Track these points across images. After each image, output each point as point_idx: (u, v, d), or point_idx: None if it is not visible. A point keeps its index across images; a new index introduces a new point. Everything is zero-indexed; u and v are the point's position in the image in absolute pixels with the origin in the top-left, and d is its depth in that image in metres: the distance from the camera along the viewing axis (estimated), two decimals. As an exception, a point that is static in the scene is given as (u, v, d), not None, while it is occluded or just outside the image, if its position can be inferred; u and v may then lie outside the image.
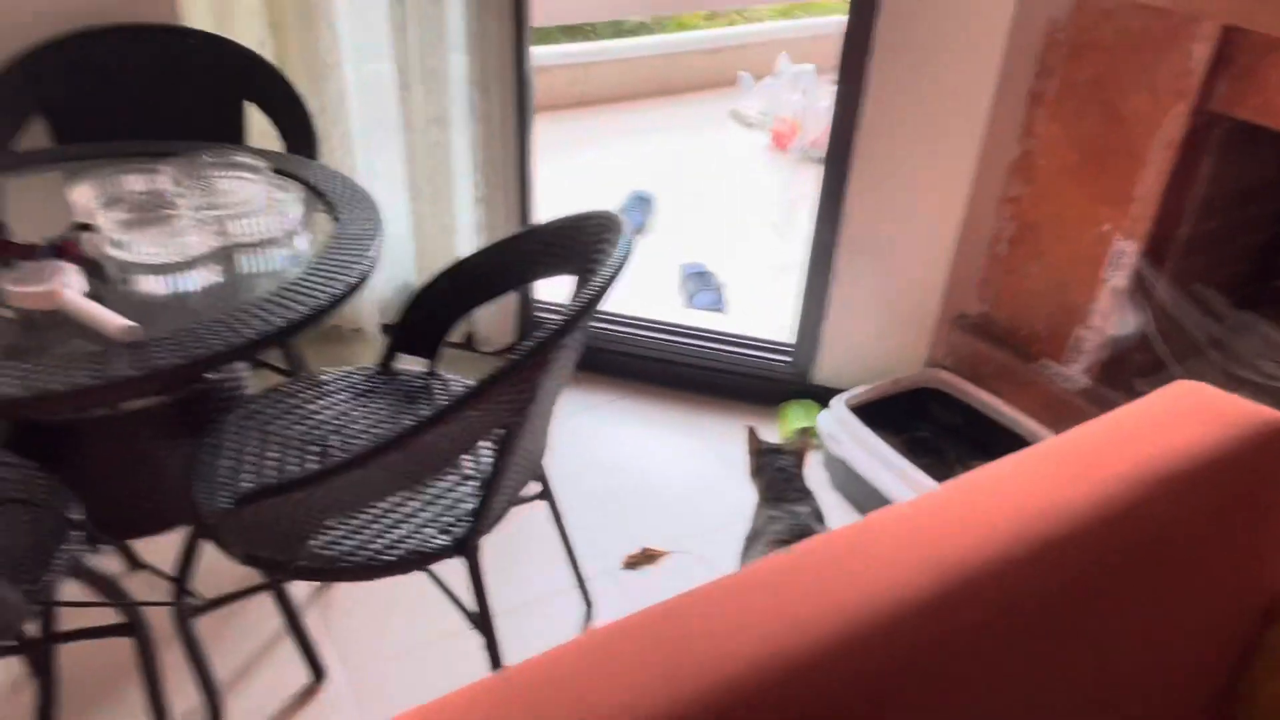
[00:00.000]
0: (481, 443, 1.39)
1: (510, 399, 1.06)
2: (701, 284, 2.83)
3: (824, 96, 4.12)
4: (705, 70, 4.90)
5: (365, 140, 2.23)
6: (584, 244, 1.34)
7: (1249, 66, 1.59)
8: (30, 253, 1.18)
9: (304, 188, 1.52)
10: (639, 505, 2.06)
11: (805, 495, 1.66)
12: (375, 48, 2.14)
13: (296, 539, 1.16)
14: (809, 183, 3.86)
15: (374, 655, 1.67)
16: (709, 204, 3.64)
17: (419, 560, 1.23)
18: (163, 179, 1.45)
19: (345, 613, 1.75)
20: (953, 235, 2.10)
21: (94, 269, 1.26)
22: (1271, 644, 0.90)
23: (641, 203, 3.35)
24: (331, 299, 1.23)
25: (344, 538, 1.24)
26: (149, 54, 1.95)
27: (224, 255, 1.36)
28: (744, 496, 2.10)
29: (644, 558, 1.92)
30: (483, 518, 1.24)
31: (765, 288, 3.00)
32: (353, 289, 1.27)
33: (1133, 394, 1.95)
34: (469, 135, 2.19)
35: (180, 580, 1.29)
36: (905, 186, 2.07)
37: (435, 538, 1.26)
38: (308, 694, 1.60)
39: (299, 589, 1.77)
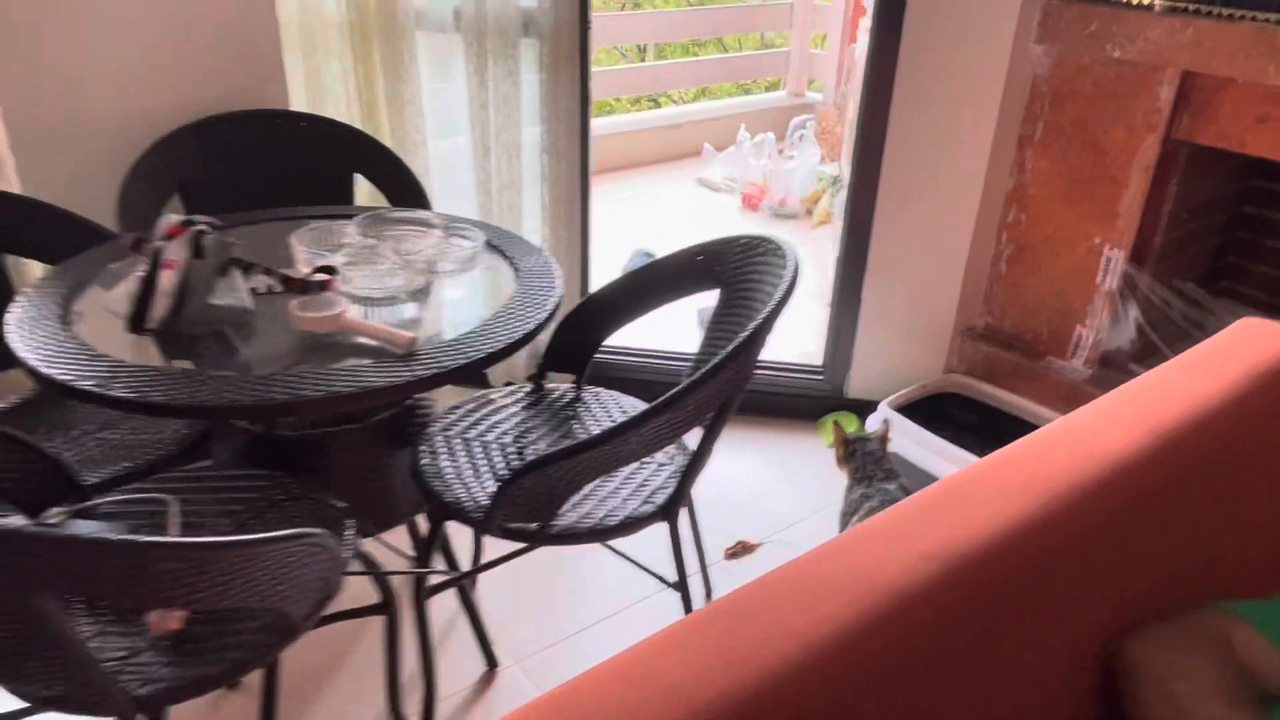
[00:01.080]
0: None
1: (734, 374, 1.34)
2: (722, 323, 3.15)
3: (786, 160, 4.56)
4: (666, 144, 5.31)
5: (446, 204, 2.50)
6: (732, 262, 1.64)
7: (1205, 102, 2.02)
8: (306, 287, 1.41)
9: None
10: (718, 509, 2.33)
11: (893, 474, 1.96)
12: (458, 124, 2.43)
13: (550, 507, 1.40)
14: (783, 235, 4.26)
15: (532, 644, 1.87)
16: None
17: (634, 524, 1.48)
18: (353, 232, 1.69)
19: (494, 607, 1.94)
20: (962, 258, 2.48)
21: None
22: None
23: (646, 257, 3.67)
24: (546, 315, 1.49)
25: (571, 510, 1.48)
26: (267, 136, 2.19)
27: (426, 291, 1.60)
28: (805, 496, 2.39)
29: (742, 549, 2.17)
30: (685, 486, 1.50)
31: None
32: (556, 309, 1.53)
33: (1131, 377, 2.34)
34: (539, 195, 2.49)
35: (424, 559, 1.50)
36: (921, 221, 2.45)
37: (641, 507, 1.51)
38: (485, 681, 1.79)
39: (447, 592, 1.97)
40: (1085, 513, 0.93)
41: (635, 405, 1.79)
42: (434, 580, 1.55)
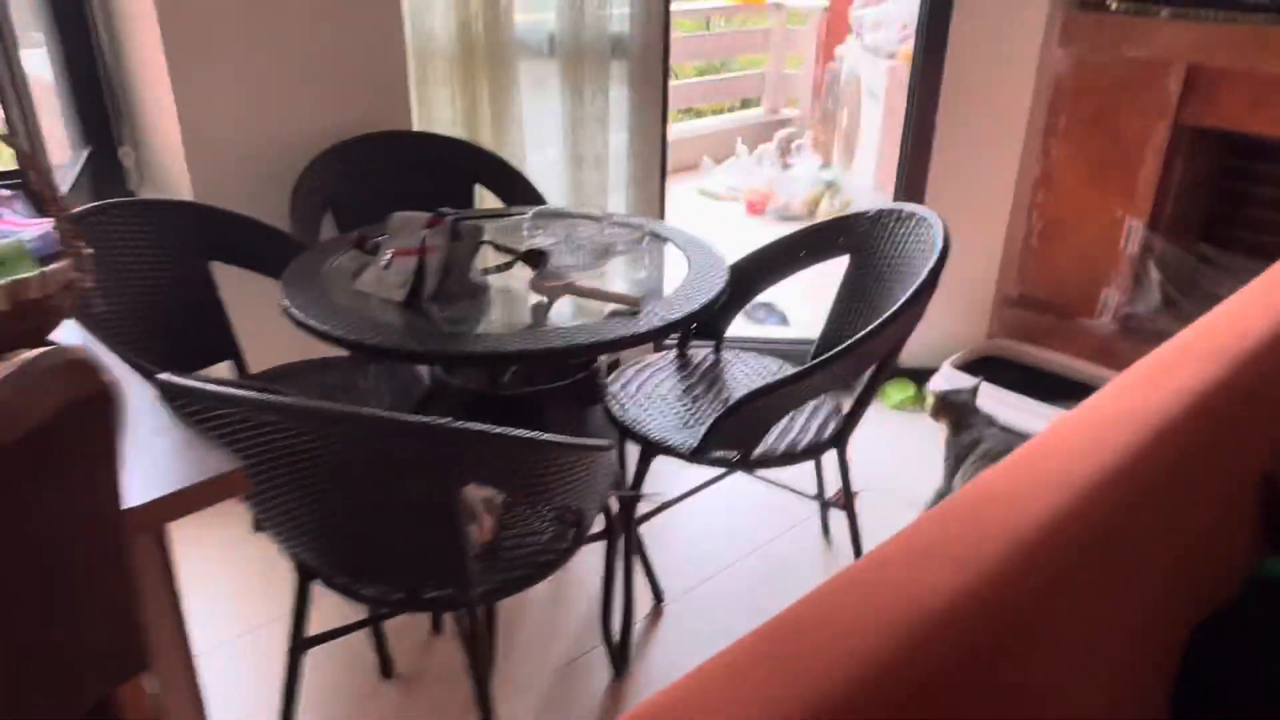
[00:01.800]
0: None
1: (908, 320, 1.64)
2: (768, 312, 3.47)
3: (787, 169, 4.93)
4: (661, 160, 5.65)
5: (543, 211, 2.77)
6: (856, 231, 1.95)
7: (1209, 90, 2.42)
8: (538, 262, 1.68)
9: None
10: (800, 467, 2.62)
11: (990, 421, 2.26)
12: (552, 137, 2.70)
13: (752, 437, 1.68)
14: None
15: (690, 579, 2.14)
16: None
17: (815, 450, 1.78)
18: (531, 225, 1.96)
19: (652, 543, 2.19)
20: (999, 237, 2.84)
21: (547, 280, 1.76)
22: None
23: (680, 262, 3.99)
24: (727, 278, 1.77)
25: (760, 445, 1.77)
26: (401, 153, 2.44)
27: (608, 268, 1.88)
28: (877, 453, 2.69)
29: (840, 496, 2.47)
30: (854, 420, 1.80)
31: (807, 308, 3.66)
32: (728, 285, 1.81)
33: (1154, 329, 2.71)
34: (625, 197, 2.78)
35: (637, 488, 1.77)
36: (963, 206, 2.80)
37: (817, 438, 1.80)
38: (655, 615, 2.05)
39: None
40: (1241, 379, 1.25)
41: (773, 364, 2.09)
42: (645, 509, 1.82)
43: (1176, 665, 1.14)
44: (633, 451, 1.85)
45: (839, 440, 1.81)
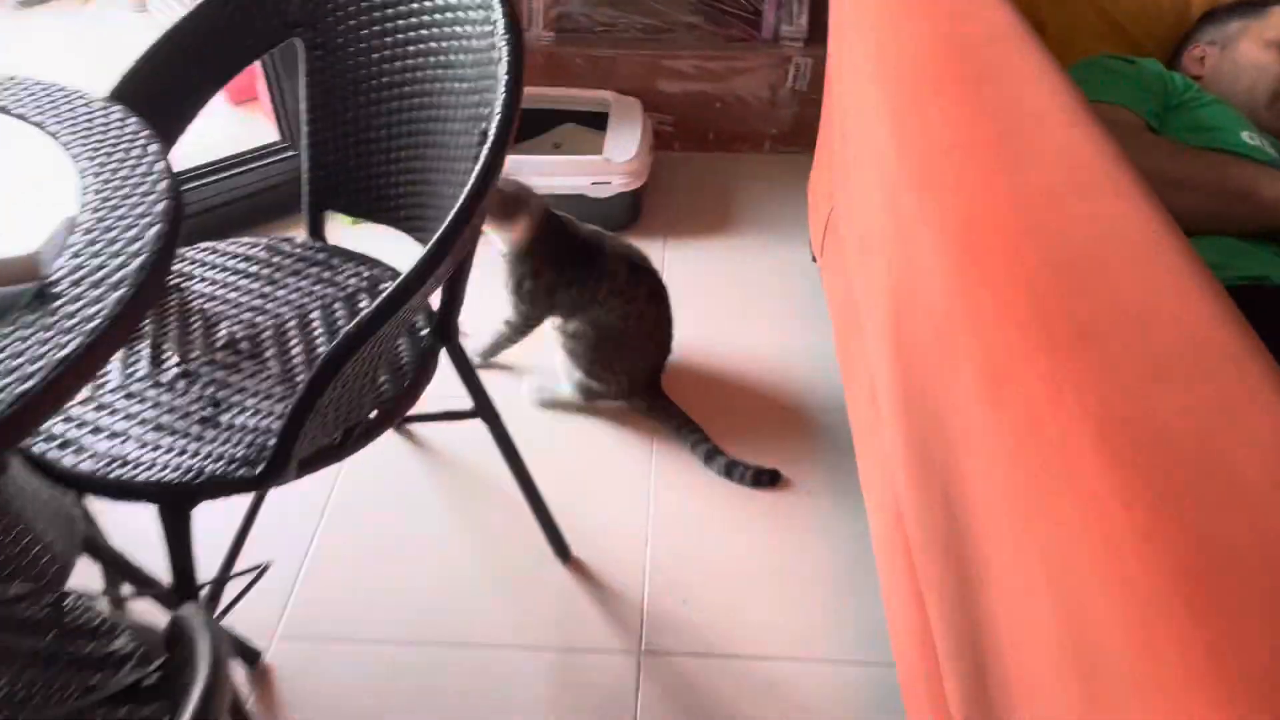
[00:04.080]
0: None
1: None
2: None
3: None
4: None
5: None
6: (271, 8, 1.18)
7: None
8: None
9: None
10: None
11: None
12: None
13: (359, 405, 0.97)
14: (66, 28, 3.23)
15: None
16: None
17: (430, 358, 1.12)
18: None
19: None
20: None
21: None
22: None
23: None
24: (172, 185, 0.93)
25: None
26: None
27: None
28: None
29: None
30: (456, 298, 1.15)
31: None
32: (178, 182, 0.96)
33: (592, 25, 2.34)
34: None
35: (183, 566, 0.96)
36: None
37: (418, 351, 1.14)
38: (262, 677, 1.32)
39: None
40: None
41: (259, 252, 1.30)
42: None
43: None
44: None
45: (445, 329, 1.17)
